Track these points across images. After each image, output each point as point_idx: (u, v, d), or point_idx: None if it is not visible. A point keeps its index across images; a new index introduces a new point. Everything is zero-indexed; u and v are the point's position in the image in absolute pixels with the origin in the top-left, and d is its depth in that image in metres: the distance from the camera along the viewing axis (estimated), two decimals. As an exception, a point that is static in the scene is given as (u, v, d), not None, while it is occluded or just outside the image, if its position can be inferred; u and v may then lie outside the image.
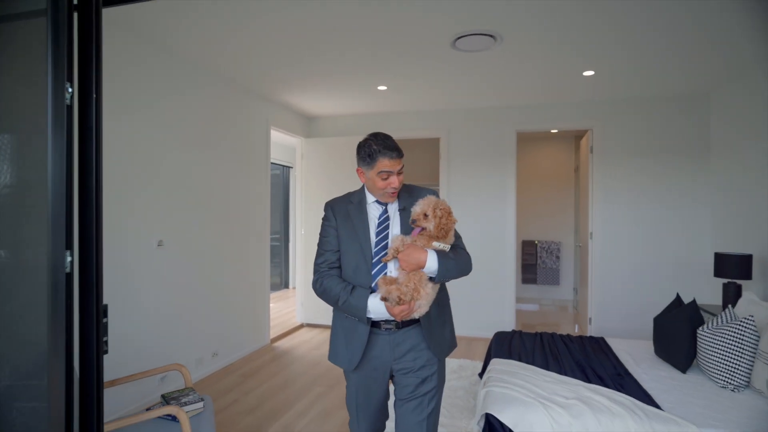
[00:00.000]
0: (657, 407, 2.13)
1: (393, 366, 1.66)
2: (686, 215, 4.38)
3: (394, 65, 3.59)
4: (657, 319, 2.89)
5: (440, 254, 1.56)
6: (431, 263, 1.53)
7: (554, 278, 6.77)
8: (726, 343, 2.38)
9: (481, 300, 4.93)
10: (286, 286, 7.95)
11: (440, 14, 2.67)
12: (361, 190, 1.76)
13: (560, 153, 6.76)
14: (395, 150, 1.62)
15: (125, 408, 2.92)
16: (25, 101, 1.45)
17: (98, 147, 1.41)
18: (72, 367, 1.36)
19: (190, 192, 3.54)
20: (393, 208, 1.71)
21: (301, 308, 5.46)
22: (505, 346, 3.07)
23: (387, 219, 1.69)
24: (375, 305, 1.57)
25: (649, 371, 2.63)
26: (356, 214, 1.69)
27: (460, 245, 1.71)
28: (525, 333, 3.41)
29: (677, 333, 2.65)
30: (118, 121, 2.88)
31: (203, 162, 3.68)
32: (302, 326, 5.43)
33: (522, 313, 6.15)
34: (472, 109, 4.98)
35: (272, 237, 7.55)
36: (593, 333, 4.60)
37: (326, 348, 4.56)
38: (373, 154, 1.62)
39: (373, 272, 1.62)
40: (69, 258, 1.34)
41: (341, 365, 1.70)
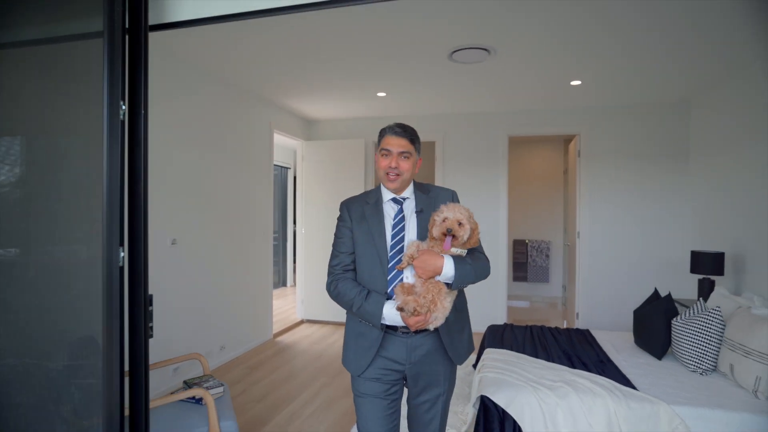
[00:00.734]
0: (633, 388, 2.37)
1: (407, 371, 1.62)
2: (666, 216, 4.66)
3: (394, 74, 3.81)
4: (636, 312, 3.14)
5: (457, 260, 1.51)
6: (448, 269, 1.48)
7: (544, 276, 7.03)
8: (696, 332, 2.63)
9: (475, 296, 5.11)
10: (284, 285, 8.13)
11: (438, 30, 2.90)
12: (378, 189, 1.71)
13: (550, 156, 7.03)
14: (402, 129, 1.61)
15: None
16: (81, 116, 1.65)
17: (145, 158, 1.61)
18: (123, 349, 1.55)
19: (199, 193, 3.73)
20: (409, 209, 1.65)
21: (302, 305, 5.66)
22: (498, 338, 3.31)
23: (403, 220, 1.63)
24: (390, 313, 1.52)
25: (629, 359, 2.88)
26: (372, 215, 1.63)
27: (479, 249, 1.66)
28: (516, 326, 3.66)
29: (654, 324, 2.90)
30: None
31: (211, 164, 3.87)
32: (302, 322, 5.63)
33: (513, 310, 6.41)
34: (467, 114, 5.21)
35: (271, 236, 7.71)
36: (580, 326, 4.86)
37: (327, 342, 4.78)
38: (382, 133, 1.65)
39: (389, 277, 1.58)
40: (122, 254, 1.53)
41: (350, 370, 1.66)
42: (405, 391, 1.72)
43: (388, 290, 1.57)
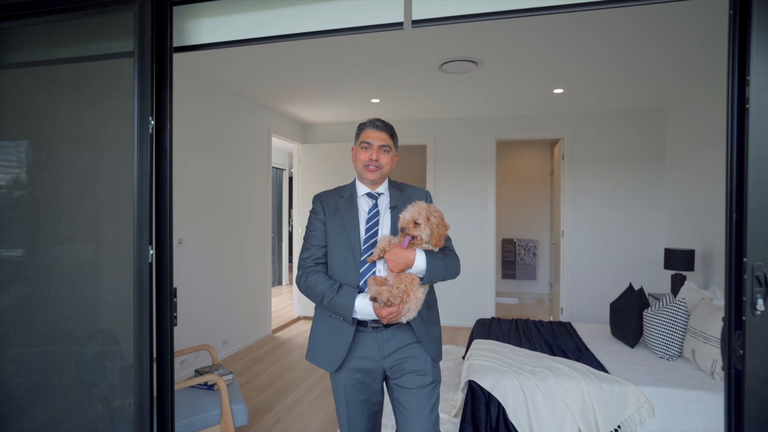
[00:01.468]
0: (606, 372, 2.62)
1: (384, 365, 1.60)
2: (643, 216, 4.94)
3: (388, 83, 4.03)
4: (612, 305, 3.40)
5: (429, 254, 1.53)
6: (419, 263, 1.50)
7: (531, 274, 7.31)
8: (664, 322, 2.89)
9: (465, 293, 5.41)
10: (279, 283, 8.32)
11: (428, 44, 3.12)
12: (352, 183, 1.74)
13: (538, 158, 7.30)
14: (383, 123, 1.65)
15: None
16: (113, 130, 1.85)
17: (170, 167, 1.81)
18: (152, 336, 1.76)
19: (202, 194, 3.93)
20: (384, 204, 1.67)
21: (298, 302, 5.87)
22: (485, 330, 3.55)
23: (377, 215, 1.64)
24: (362, 305, 1.51)
25: (605, 347, 3.13)
26: (346, 209, 1.64)
27: (450, 247, 1.68)
28: (503, 319, 3.90)
29: (627, 315, 3.16)
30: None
31: (213, 167, 4.06)
32: (299, 318, 5.84)
33: (502, 306, 6.67)
34: (456, 119, 5.45)
35: (267, 236, 7.88)
36: (563, 320, 5.12)
37: (324, 337, 4.98)
38: (362, 127, 1.68)
39: (362, 270, 1.57)
40: (151, 251, 1.74)
41: (322, 366, 1.63)
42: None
43: (360, 283, 1.57)
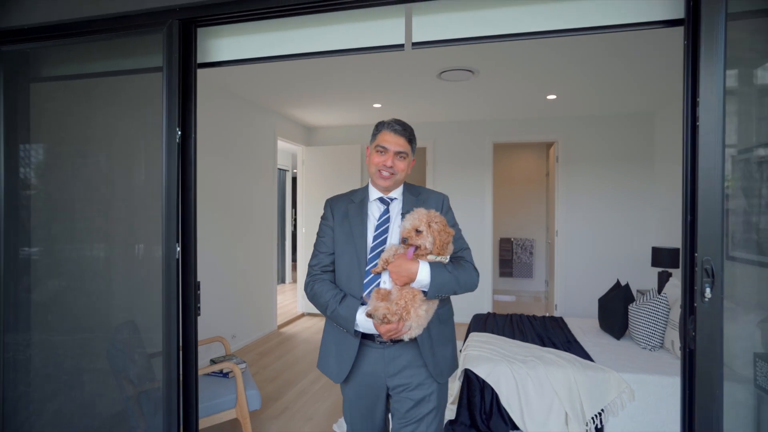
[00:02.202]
0: (592, 361, 2.83)
1: (388, 383, 1.52)
2: (633, 215, 5.15)
3: (389, 90, 4.24)
4: (600, 300, 3.60)
5: (434, 267, 1.41)
6: (423, 276, 1.38)
7: (528, 272, 7.51)
8: (647, 315, 3.09)
9: (463, 290, 5.61)
10: (283, 282, 8.52)
11: (427, 55, 3.33)
12: (365, 187, 1.64)
13: (534, 160, 7.51)
14: (402, 127, 1.54)
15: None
16: (142, 137, 2.06)
17: (195, 173, 2.01)
18: (180, 324, 1.96)
19: (212, 195, 4.14)
20: (396, 210, 1.57)
21: (302, 299, 6.08)
22: (481, 323, 3.75)
23: (387, 221, 1.54)
24: (363, 319, 1.43)
25: (593, 339, 3.34)
26: (355, 215, 1.55)
27: (467, 257, 1.56)
28: (498, 314, 4.11)
29: (614, 309, 3.37)
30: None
31: (221, 168, 4.27)
32: (303, 315, 6.05)
33: (499, 304, 6.87)
34: (455, 123, 5.66)
35: (270, 235, 8.09)
36: (556, 315, 5.33)
37: (327, 332, 5.19)
38: (379, 127, 1.57)
39: (366, 280, 1.48)
40: (178, 248, 1.94)
41: (330, 376, 1.58)
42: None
43: (364, 294, 1.48)
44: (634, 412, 2.59)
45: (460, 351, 4.01)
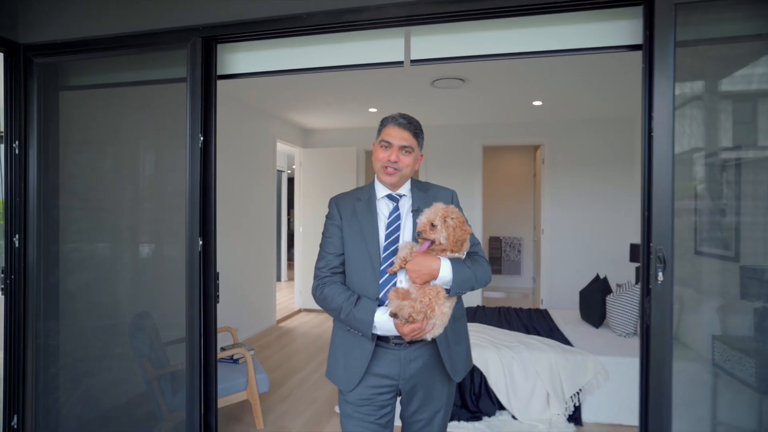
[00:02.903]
0: (571, 346, 3.10)
1: (402, 386, 1.48)
2: (615, 215, 5.47)
3: (384, 95, 4.48)
4: (581, 292, 3.88)
5: (455, 263, 1.38)
6: (445, 273, 1.35)
7: (516, 269, 7.81)
8: (622, 305, 3.38)
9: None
10: (279, 279, 8.72)
11: (422, 65, 3.57)
12: (371, 185, 1.58)
13: (523, 162, 7.82)
14: (407, 120, 1.49)
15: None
16: (166, 142, 2.27)
17: (215, 175, 2.23)
18: (201, 312, 2.18)
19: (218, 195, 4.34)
20: (405, 207, 1.52)
21: (300, 296, 6.30)
22: (470, 315, 4.02)
23: (398, 218, 1.50)
24: (382, 321, 1.38)
25: (573, 328, 3.62)
26: (364, 213, 1.50)
27: (479, 252, 1.53)
28: (487, 307, 4.38)
29: (593, 300, 3.65)
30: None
31: (221, 169, 4.48)
32: (300, 311, 6.26)
33: (489, 300, 7.16)
34: (447, 126, 5.93)
35: (267, 234, 8.29)
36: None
37: (323, 327, 5.42)
38: (384, 122, 1.53)
39: (381, 281, 1.44)
40: (200, 242, 2.16)
41: (338, 385, 1.51)
42: (398, 407, 1.59)
43: (380, 295, 1.44)
44: (609, 390, 2.86)
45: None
